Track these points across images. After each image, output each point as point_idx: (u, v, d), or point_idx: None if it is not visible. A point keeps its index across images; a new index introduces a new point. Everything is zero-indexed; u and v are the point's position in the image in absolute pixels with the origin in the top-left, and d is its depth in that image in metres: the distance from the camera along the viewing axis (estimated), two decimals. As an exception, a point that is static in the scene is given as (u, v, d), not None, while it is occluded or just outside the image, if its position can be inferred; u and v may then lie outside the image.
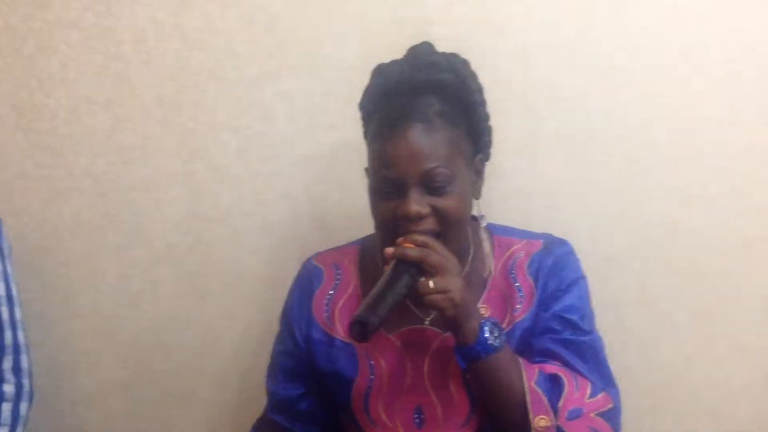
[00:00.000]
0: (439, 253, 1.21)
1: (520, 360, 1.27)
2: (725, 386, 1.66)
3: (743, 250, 1.62)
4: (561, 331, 1.32)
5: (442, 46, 1.37)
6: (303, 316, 1.41)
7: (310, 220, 1.66)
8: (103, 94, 1.66)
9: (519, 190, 1.62)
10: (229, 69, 1.63)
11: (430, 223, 1.25)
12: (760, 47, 1.57)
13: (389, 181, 1.26)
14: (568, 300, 1.34)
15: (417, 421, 1.33)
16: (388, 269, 1.21)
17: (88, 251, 1.70)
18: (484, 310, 1.33)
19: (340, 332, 1.37)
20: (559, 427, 1.23)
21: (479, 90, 1.34)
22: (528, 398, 1.23)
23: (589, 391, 1.28)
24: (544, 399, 1.24)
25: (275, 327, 1.46)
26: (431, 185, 1.25)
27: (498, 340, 1.23)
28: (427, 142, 1.26)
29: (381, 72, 1.35)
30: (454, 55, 1.33)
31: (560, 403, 1.25)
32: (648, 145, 1.60)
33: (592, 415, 1.27)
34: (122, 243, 1.69)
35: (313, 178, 1.66)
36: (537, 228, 1.45)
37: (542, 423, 1.22)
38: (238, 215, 1.68)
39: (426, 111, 1.27)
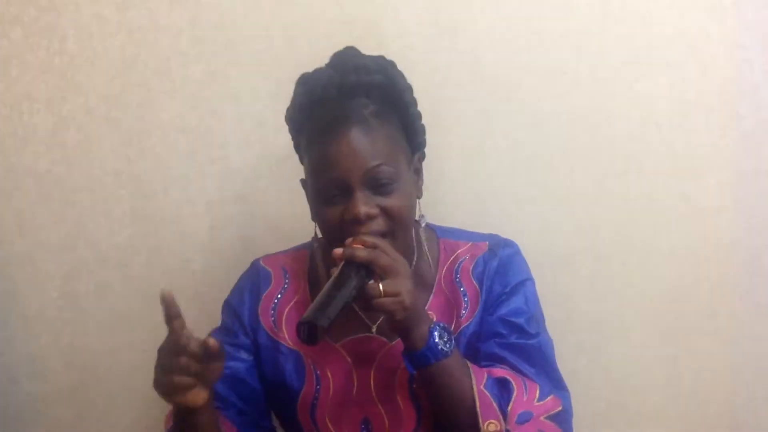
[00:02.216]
0: (389, 255, 1.19)
1: (469, 364, 1.26)
2: (675, 387, 1.68)
3: (692, 252, 1.64)
4: (507, 335, 1.32)
5: (393, 47, 1.36)
6: (251, 317, 1.38)
7: (260, 222, 1.64)
8: (47, 92, 1.62)
9: (470, 192, 1.61)
10: (175, 67, 1.61)
11: (378, 224, 1.24)
12: (706, 50, 1.58)
13: (333, 184, 1.24)
14: (514, 303, 1.34)
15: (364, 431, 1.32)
16: (335, 272, 1.18)
17: (31, 252, 1.66)
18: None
19: (287, 338, 1.35)
20: (509, 431, 1.23)
21: (409, 89, 1.33)
22: (477, 403, 1.22)
23: (537, 394, 1.28)
24: (494, 403, 1.23)
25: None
26: (376, 184, 1.24)
27: (448, 345, 1.22)
28: (368, 141, 1.24)
29: (306, 81, 1.32)
30: (381, 57, 1.32)
31: (509, 407, 1.25)
32: (598, 147, 1.61)
33: (541, 418, 1.27)
34: (67, 244, 1.66)
35: (262, 179, 1.64)
36: (489, 230, 1.45)
37: (492, 428, 1.22)
38: (186, 216, 1.65)
39: (361, 112, 1.26)
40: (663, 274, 1.63)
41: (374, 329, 1.33)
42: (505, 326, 1.32)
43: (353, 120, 1.25)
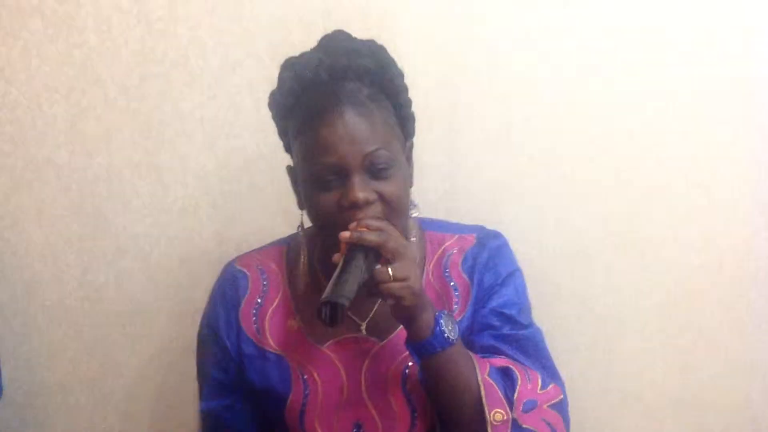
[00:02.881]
0: (396, 239, 1.16)
1: (471, 354, 1.24)
2: (691, 379, 1.67)
3: (709, 244, 1.63)
4: (500, 326, 1.30)
5: (408, 38, 1.35)
6: (232, 327, 1.33)
7: (278, 212, 1.64)
8: (66, 83, 1.63)
9: (486, 184, 1.61)
10: (194, 58, 1.61)
11: (375, 210, 1.19)
12: (722, 41, 1.58)
13: (329, 169, 1.19)
14: (505, 295, 1.32)
15: None
16: (339, 257, 1.14)
17: (51, 243, 1.67)
18: None
19: (272, 344, 1.31)
20: (515, 420, 1.20)
21: (401, 75, 1.29)
22: (483, 392, 1.19)
23: (540, 383, 1.26)
24: (499, 392, 1.21)
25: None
26: (374, 169, 1.20)
27: (453, 333, 1.19)
28: (365, 124, 1.21)
29: (294, 64, 1.27)
30: (372, 41, 1.28)
31: (515, 396, 1.22)
32: (615, 139, 1.60)
33: (545, 406, 1.25)
34: (86, 234, 1.66)
35: (279, 169, 1.63)
36: (503, 222, 1.45)
37: (498, 417, 1.19)
38: (204, 206, 1.66)
39: (356, 95, 1.22)
40: (679, 266, 1.63)
41: (363, 328, 1.29)
42: (498, 318, 1.30)
43: (349, 103, 1.21)
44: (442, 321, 1.19)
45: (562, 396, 1.28)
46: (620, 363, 1.66)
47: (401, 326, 1.24)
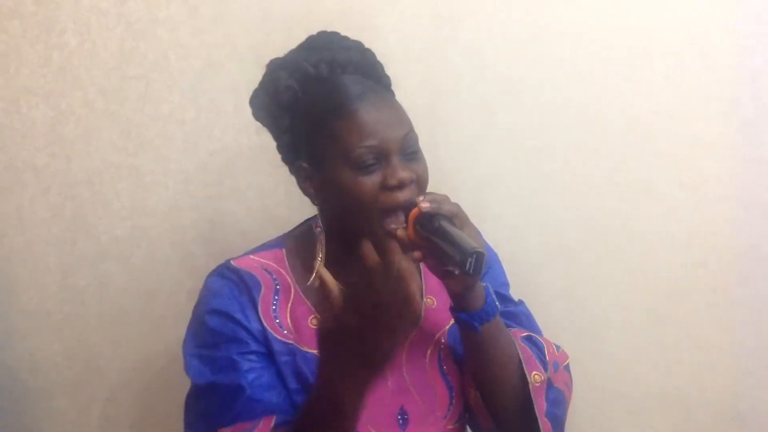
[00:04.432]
0: (461, 209, 1.18)
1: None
2: (676, 375, 1.68)
3: (692, 241, 1.64)
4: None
5: (391, 39, 1.35)
6: (251, 321, 1.24)
7: (260, 214, 1.64)
8: (45, 86, 1.61)
9: (468, 184, 1.61)
10: (174, 60, 1.60)
11: (412, 192, 1.19)
12: (705, 38, 1.59)
13: (371, 152, 1.18)
14: (494, 275, 1.37)
15: (401, 422, 1.27)
16: (402, 233, 1.15)
17: (31, 247, 1.65)
18: (430, 301, 1.32)
19: (303, 342, 1.25)
20: (549, 380, 1.26)
21: (388, 77, 1.31)
22: (522, 355, 1.24)
23: (554, 347, 1.33)
24: (533, 355, 1.26)
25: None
26: (408, 151, 1.21)
27: (497, 302, 1.23)
28: (394, 108, 1.23)
29: (287, 65, 1.27)
30: (360, 42, 1.29)
31: (547, 357, 1.28)
32: (598, 137, 1.61)
33: (561, 368, 1.32)
34: (67, 238, 1.65)
35: (261, 172, 1.64)
36: (486, 222, 1.44)
37: (537, 378, 1.24)
38: (186, 209, 1.65)
39: (370, 83, 1.24)
40: (663, 262, 1.63)
41: None
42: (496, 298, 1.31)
43: (373, 88, 1.23)
44: (490, 289, 1.22)
45: (569, 358, 1.35)
46: (606, 360, 1.67)
47: (428, 308, 1.29)
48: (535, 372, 1.24)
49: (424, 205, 1.15)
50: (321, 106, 1.23)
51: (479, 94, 1.59)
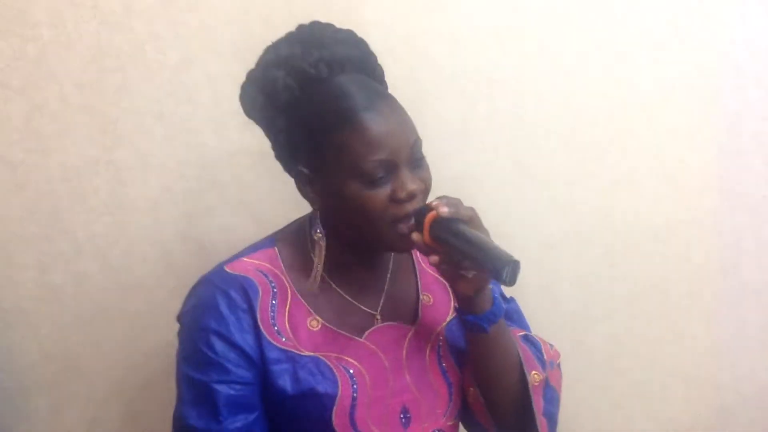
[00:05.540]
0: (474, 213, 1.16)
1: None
2: (659, 368, 1.68)
3: (675, 233, 1.64)
4: None
5: (373, 31, 1.33)
6: (247, 331, 1.21)
7: (239, 209, 1.62)
8: (20, 79, 1.57)
9: (449, 176, 1.60)
10: (151, 53, 1.57)
11: (420, 200, 1.18)
12: (687, 30, 1.58)
13: (381, 165, 1.14)
14: None
15: (403, 420, 1.27)
16: (419, 237, 1.14)
17: (7, 244, 1.62)
18: (427, 298, 1.31)
19: (301, 346, 1.23)
20: (546, 379, 1.27)
21: (381, 67, 1.28)
22: (522, 355, 1.24)
23: (548, 345, 1.35)
24: (533, 354, 1.27)
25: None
26: (414, 158, 1.18)
27: (502, 303, 1.23)
28: (401, 115, 1.19)
29: (285, 61, 1.20)
30: (351, 31, 1.25)
31: (545, 356, 1.30)
32: (580, 129, 1.60)
33: (555, 366, 1.34)
34: (43, 235, 1.62)
35: (240, 166, 1.62)
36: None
37: (537, 377, 1.25)
38: (164, 204, 1.62)
39: (375, 86, 1.20)
40: (646, 255, 1.63)
41: (378, 317, 1.28)
42: None
43: (377, 96, 1.17)
44: (496, 290, 1.23)
45: (561, 356, 1.36)
46: (588, 354, 1.67)
47: (426, 305, 1.30)
48: (534, 371, 1.25)
49: (443, 210, 1.12)
50: (324, 113, 1.17)
51: (460, 87, 1.58)
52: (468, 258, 1.11)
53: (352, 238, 1.22)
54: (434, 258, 1.15)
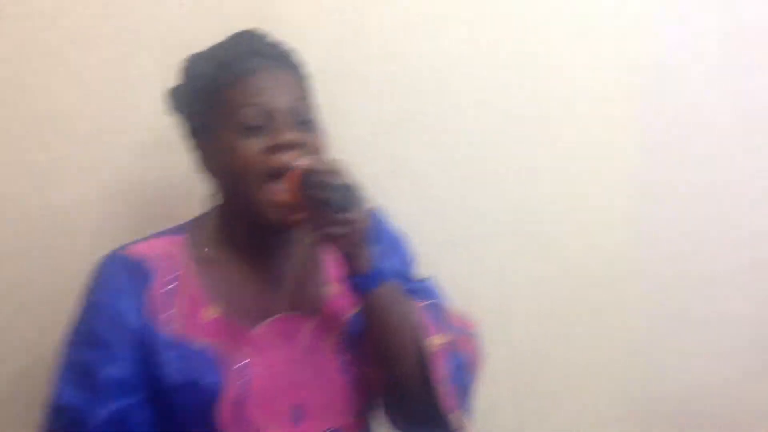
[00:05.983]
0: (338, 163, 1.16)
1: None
2: (585, 371, 1.70)
3: (595, 234, 1.68)
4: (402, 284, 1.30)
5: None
6: (140, 313, 1.19)
7: (160, 212, 1.56)
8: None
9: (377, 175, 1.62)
10: (72, 53, 1.54)
11: (300, 157, 1.18)
12: (612, 29, 1.66)
13: (256, 112, 1.19)
14: (402, 255, 1.38)
15: (295, 417, 1.23)
16: (287, 194, 1.15)
17: None
18: (330, 290, 1.31)
19: (194, 334, 1.21)
20: (454, 344, 1.24)
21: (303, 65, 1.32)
22: (419, 322, 1.22)
23: (459, 314, 1.33)
24: (432, 320, 1.24)
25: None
26: (299, 119, 1.21)
27: (388, 267, 1.23)
28: (291, 78, 1.25)
29: (212, 56, 1.26)
30: (282, 41, 1.31)
31: (451, 322, 1.28)
32: (505, 127, 1.65)
33: (468, 334, 1.31)
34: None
35: (160, 169, 1.59)
36: (393, 213, 1.44)
37: (436, 341, 1.21)
38: (88, 206, 1.57)
39: (281, 63, 1.25)
40: (568, 254, 1.66)
41: (277, 308, 1.27)
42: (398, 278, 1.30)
43: (274, 65, 1.24)
44: (380, 254, 1.21)
45: (476, 326, 1.33)
46: (513, 356, 1.67)
47: (329, 297, 1.28)
48: (433, 336, 1.21)
49: (301, 162, 1.15)
50: (224, 74, 1.22)
51: (388, 81, 1.61)
52: (322, 204, 1.12)
53: (238, 211, 1.23)
54: (299, 215, 1.16)
